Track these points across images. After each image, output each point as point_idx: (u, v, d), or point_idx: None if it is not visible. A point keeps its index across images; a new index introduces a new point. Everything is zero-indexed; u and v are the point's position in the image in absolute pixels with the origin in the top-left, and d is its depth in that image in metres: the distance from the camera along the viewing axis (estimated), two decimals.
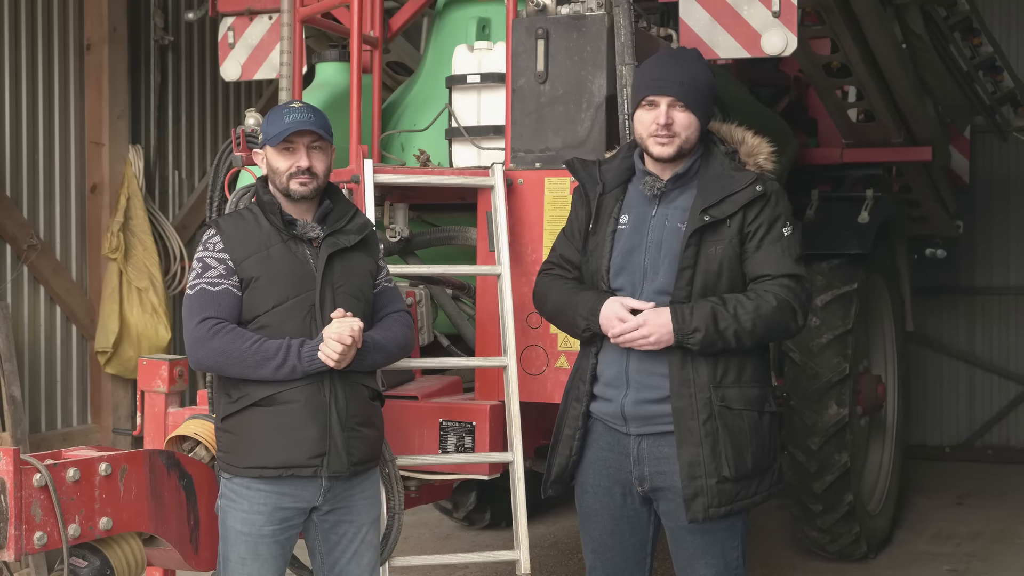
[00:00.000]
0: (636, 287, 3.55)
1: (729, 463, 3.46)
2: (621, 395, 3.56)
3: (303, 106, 3.66)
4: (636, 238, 3.58)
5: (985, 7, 8.59)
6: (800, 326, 3.56)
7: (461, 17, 5.23)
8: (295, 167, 3.60)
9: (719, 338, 3.42)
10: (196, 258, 3.61)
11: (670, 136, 3.52)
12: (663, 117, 3.51)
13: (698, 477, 3.46)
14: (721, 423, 3.46)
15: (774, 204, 3.54)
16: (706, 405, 3.46)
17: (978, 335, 10.57)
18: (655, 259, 3.54)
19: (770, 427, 3.59)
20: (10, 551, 3.17)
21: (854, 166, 7.48)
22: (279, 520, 3.57)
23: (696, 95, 3.55)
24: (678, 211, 3.56)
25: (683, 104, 3.52)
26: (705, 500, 3.46)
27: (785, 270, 3.50)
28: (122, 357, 7.84)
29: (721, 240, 3.50)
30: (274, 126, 3.62)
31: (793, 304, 3.49)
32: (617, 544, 3.69)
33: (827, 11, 5.68)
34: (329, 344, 3.45)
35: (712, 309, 3.43)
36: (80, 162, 7.90)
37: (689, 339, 3.42)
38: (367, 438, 3.64)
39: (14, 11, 7.41)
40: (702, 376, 3.47)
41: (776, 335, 3.58)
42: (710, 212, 3.49)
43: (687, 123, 3.53)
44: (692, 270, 3.49)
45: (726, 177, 3.55)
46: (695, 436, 3.46)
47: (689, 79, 3.56)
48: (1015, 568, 6.80)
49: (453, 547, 7.21)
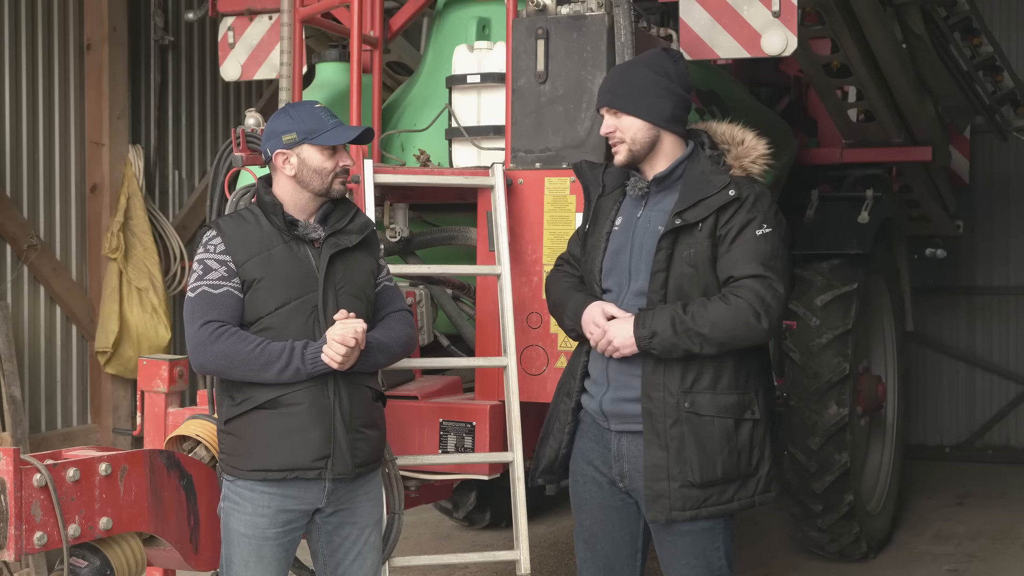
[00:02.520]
0: (622, 288, 3.61)
1: (694, 468, 3.45)
2: (602, 392, 3.63)
3: (328, 109, 3.68)
4: (623, 239, 3.63)
5: (985, 7, 8.58)
6: (766, 329, 3.45)
7: (461, 17, 5.23)
8: (341, 166, 3.62)
9: (679, 342, 3.43)
10: (197, 260, 3.58)
11: (617, 143, 3.62)
12: (604, 128, 3.64)
13: (661, 480, 3.48)
14: (688, 428, 3.47)
15: (749, 207, 3.50)
16: (674, 409, 3.48)
17: (978, 335, 10.57)
18: (637, 261, 3.59)
19: (752, 434, 3.54)
20: (10, 551, 3.17)
21: (854, 166, 7.47)
22: (283, 523, 3.56)
23: (630, 96, 3.60)
24: (661, 214, 3.59)
25: (617, 109, 3.61)
26: (668, 503, 3.48)
27: (749, 271, 3.45)
28: (122, 357, 7.84)
29: (693, 244, 3.50)
30: (318, 124, 3.59)
31: (754, 306, 3.42)
32: (607, 535, 3.71)
33: (827, 11, 5.68)
34: (333, 346, 3.45)
35: (671, 314, 3.44)
36: (80, 162, 7.90)
37: (649, 344, 3.45)
38: (371, 439, 3.64)
39: (14, 11, 7.41)
40: (672, 381, 3.49)
41: (739, 339, 3.47)
42: (683, 216, 3.51)
43: (627, 126, 3.60)
44: (665, 273, 3.51)
45: (704, 181, 3.56)
46: (661, 439, 3.48)
47: (622, 83, 3.64)
48: (1015, 568, 6.80)
49: (453, 547, 7.21)
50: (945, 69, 7.36)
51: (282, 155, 3.62)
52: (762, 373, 3.65)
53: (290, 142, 3.60)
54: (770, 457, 3.60)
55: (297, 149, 3.60)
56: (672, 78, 3.63)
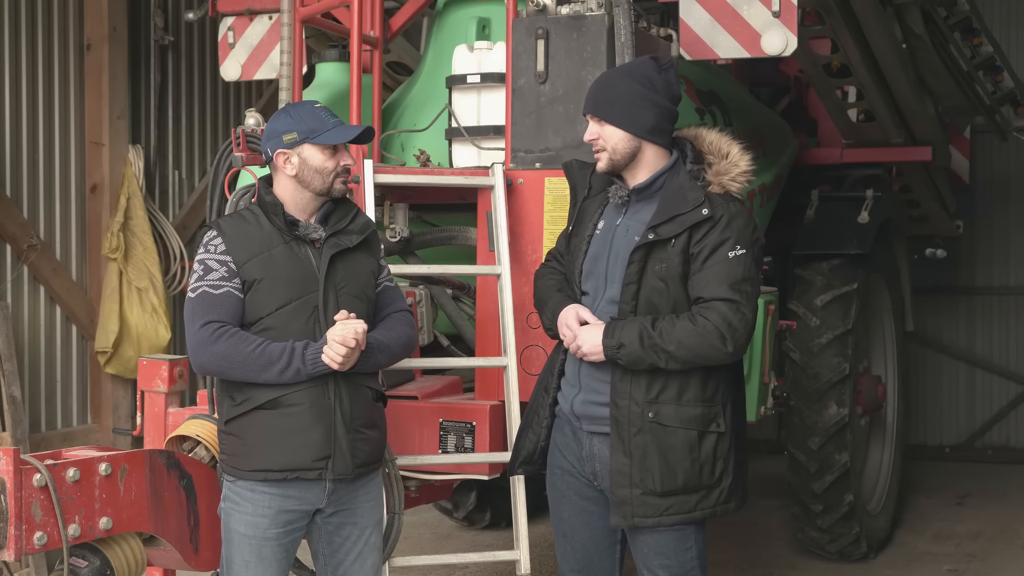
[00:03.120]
0: (598, 293, 3.63)
1: (655, 477, 3.48)
2: (574, 394, 3.66)
3: (328, 109, 3.68)
4: (602, 245, 3.64)
5: (985, 7, 8.58)
6: (730, 352, 3.47)
7: (461, 17, 5.23)
8: (342, 166, 3.62)
9: (645, 356, 3.44)
10: (197, 260, 3.58)
11: (599, 151, 3.62)
12: (588, 134, 3.64)
13: (623, 486, 3.51)
14: (652, 437, 3.49)
15: (723, 227, 3.48)
16: (639, 418, 3.50)
17: (978, 335, 10.57)
18: (613, 268, 3.59)
19: (716, 447, 3.54)
20: (10, 551, 3.17)
21: (854, 166, 7.47)
22: (283, 523, 3.56)
23: (611, 106, 3.58)
24: (639, 224, 3.58)
25: (599, 118, 3.61)
26: (630, 509, 3.51)
27: (719, 294, 3.46)
28: (122, 357, 7.83)
29: (665, 259, 3.50)
30: (319, 123, 3.59)
31: (720, 329, 3.43)
32: (585, 527, 3.72)
33: (827, 11, 5.68)
34: (333, 347, 3.44)
35: (640, 328, 3.45)
36: (80, 162, 7.90)
37: (616, 354, 3.47)
38: (371, 440, 3.64)
39: (14, 11, 7.41)
40: (638, 390, 3.51)
41: (704, 359, 3.48)
42: (656, 231, 3.50)
43: (610, 134, 3.59)
44: (636, 286, 3.52)
45: (680, 196, 3.54)
46: (626, 447, 3.51)
47: (603, 93, 3.63)
48: (1015, 568, 6.80)
49: (453, 547, 7.21)
50: (945, 69, 7.36)
51: (283, 155, 3.61)
52: (732, 387, 3.64)
53: (291, 142, 3.59)
54: (734, 469, 3.60)
55: (298, 149, 3.59)
56: (657, 89, 3.59)
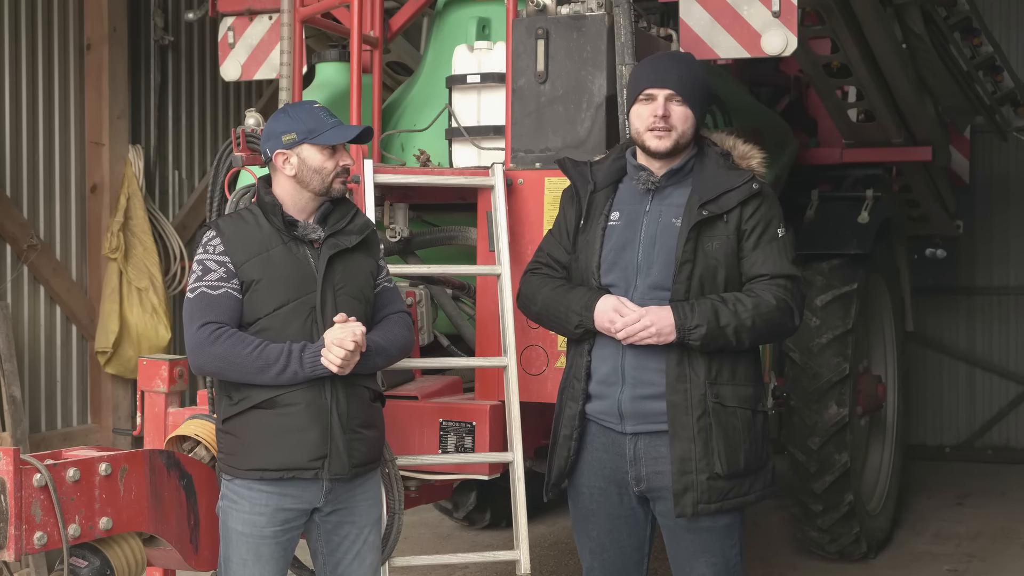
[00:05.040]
0: (629, 283, 3.57)
1: (721, 460, 3.48)
2: (617, 391, 3.57)
3: (327, 110, 3.67)
4: (629, 233, 3.59)
5: (985, 7, 8.58)
6: (796, 326, 3.61)
7: (461, 17, 5.23)
8: (340, 166, 3.61)
9: (720, 335, 3.44)
10: (196, 260, 3.58)
11: (667, 129, 3.56)
12: (661, 108, 3.55)
13: (688, 472, 3.48)
14: (715, 420, 3.48)
15: (768, 205, 3.58)
16: (701, 401, 3.48)
17: (978, 335, 10.57)
18: (648, 254, 3.55)
19: (762, 426, 3.61)
20: (10, 551, 3.17)
21: (854, 166, 7.48)
22: (280, 521, 3.56)
23: (693, 90, 3.60)
24: (672, 207, 3.57)
25: (681, 98, 3.57)
26: (694, 496, 3.48)
27: (783, 271, 3.54)
28: (122, 357, 7.83)
29: (718, 236, 3.52)
30: (318, 124, 3.59)
31: (791, 303, 3.54)
32: (615, 544, 3.70)
33: (827, 11, 5.68)
34: (332, 350, 3.44)
35: (713, 306, 3.45)
36: (80, 162, 7.90)
37: (691, 335, 3.43)
38: (368, 440, 3.64)
39: (14, 11, 7.41)
40: (698, 373, 3.49)
41: (775, 334, 3.62)
42: (708, 207, 3.51)
43: (684, 116, 3.57)
44: (692, 264, 3.50)
45: (721, 174, 3.58)
46: (688, 432, 3.48)
47: (687, 75, 3.62)
48: (1015, 568, 6.80)
49: (453, 547, 7.21)
50: (945, 69, 7.36)
51: (282, 155, 3.61)
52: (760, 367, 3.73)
53: (290, 142, 3.59)
54: (770, 454, 3.67)
55: (297, 149, 3.59)
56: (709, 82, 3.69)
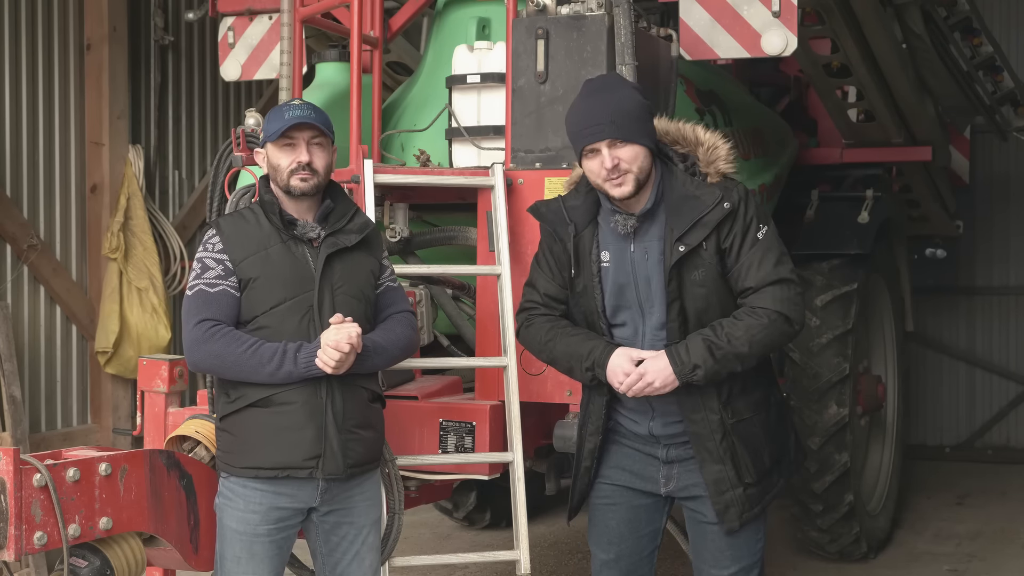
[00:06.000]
0: (637, 323, 3.56)
1: (750, 471, 3.54)
2: (647, 420, 3.62)
3: (304, 103, 3.66)
4: (623, 275, 3.55)
5: (985, 7, 8.58)
6: (797, 330, 3.52)
7: (461, 17, 5.24)
8: (296, 163, 3.58)
9: (721, 368, 3.42)
10: (196, 258, 3.60)
11: (622, 174, 3.44)
12: (608, 161, 3.43)
13: (725, 491, 3.53)
14: (736, 437, 3.53)
15: (743, 212, 3.47)
16: (719, 425, 3.51)
17: (978, 335, 10.57)
18: (647, 294, 3.53)
19: (778, 416, 3.65)
20: (10, 551, 3.17)
21: (854, 166, 7.48)
22: (275, 520, 3.56)
23: (630, 124, 3.44)
24: (654, 242, 3.51)
25: (624, 139, 3.43)
26: (737, 510, 3.54)
27: (767, 279, 3.45)
28: (122, 357, 7.83)
29: (701, 265, 3.46)
30: (274, 123, 3.61)
31: (783, 312, 3.44)
32: (633, 533, 3.73)
33: (827, 11, 5.68)
34: (327, 351, 3.44)
35: (705, 343, 3.40)
36: (80, 162, 7.90)
37: (692, 376, 3.42)
38: (365, 440, 3.63)
39: (14, 11, 7.41)
40: (711, 400, 3.51)
41: (777, 345, 3.55)
42: (684, 241, 3.44)
43: (633, 156, 3.44)
44: (680, 301, 3.48)
45: (691, 199, 3.47)
46: (715, 455, 3.52)
47: (616, 112, 3.45)
48: (1015, 568, 6.80)
49: (453, 547, 7.21)
50: (945, 69, 7.36)
51: (259, 154, 3.72)
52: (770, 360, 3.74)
53: (261, 141, 3.71)
54: (792, 427, 3.73)
55: (265, 148, 3.67)
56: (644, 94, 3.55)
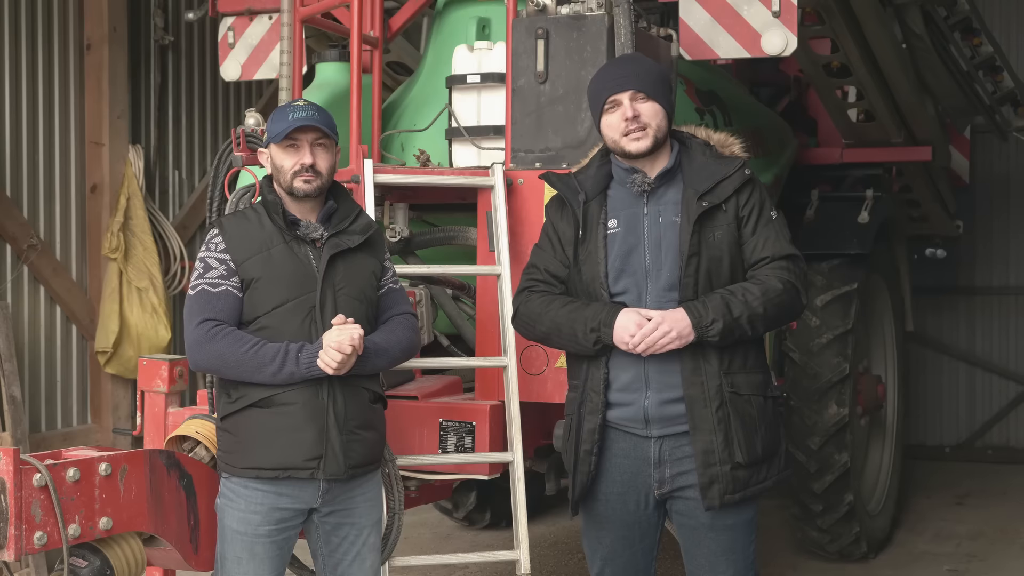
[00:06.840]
0: (640, 288, 3.55)
1: (741, 449, 3.50)
2: (641, 398, 3.54)
3: (307, 104, 3.66)
4: (632, 239, 3.56)
5: (985, 7, 8.59)
6: (805, 304, 3.64)
7: (461, 17, 5.24)
8: (299, 164, 3.58)
9: (736, 326, 3.45)
10: (199, 258, 3.60)
11: (642, 128, 3.53)
12: (629, 110, 3.53)
13: (713, 464, 3.49)
14: (732, 409, 3.50)
15: (759, 189, 3.62)
16: (717, 393, 3.49)
17: (978, 335, 10.57)
18: (656, 257, 3.54)
19: (774, 411, 3.63)
20: (10, 551, 3.17)
21: (854, 166, 7.48)
22: (276, 520, 3.56)
23: (655, 84, 3.57)
24: (669, 205, 3.56)
25: (645, 94, 3.54)
26: (720, 487, 3.49)
27: (783, 251, 3.57)
28: (122, 357, 7.83)
29: (720, 226, 3.53)
30: (278, 124, 3.60)
31: (796, 284, 3.56)
32: (628, 548, 3.70)
33: (827, 11, 5.68)
34: (328, 352, 3.44)
35: (724, 299, 3.46)
36: (80, 162, 7.90)
37: (709, 331, 3.43)
38: (366, 441, 3.62)
39: (14, 11, 7.41)
40: (712, 364, 3.50)
41: (786, 316, 3.63)
42: (706, 198, 3.52)
43: (654, 111, 3.55)
44: (698, 257, 3.51)
45: (711, 165, 3.58)
46: (708, 424, 3.49)
47: (643, 71, 3.60)
48: (1015, 568, 6.80)
49: (453, 547, 7.21)
50: (945, 69, 7.37)
51: (263, 154, 3.72)
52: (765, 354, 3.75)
53: (265, 141, 3.71)
54: (784, 436, 3.69)
55: (269, 149, 3.66)
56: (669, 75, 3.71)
